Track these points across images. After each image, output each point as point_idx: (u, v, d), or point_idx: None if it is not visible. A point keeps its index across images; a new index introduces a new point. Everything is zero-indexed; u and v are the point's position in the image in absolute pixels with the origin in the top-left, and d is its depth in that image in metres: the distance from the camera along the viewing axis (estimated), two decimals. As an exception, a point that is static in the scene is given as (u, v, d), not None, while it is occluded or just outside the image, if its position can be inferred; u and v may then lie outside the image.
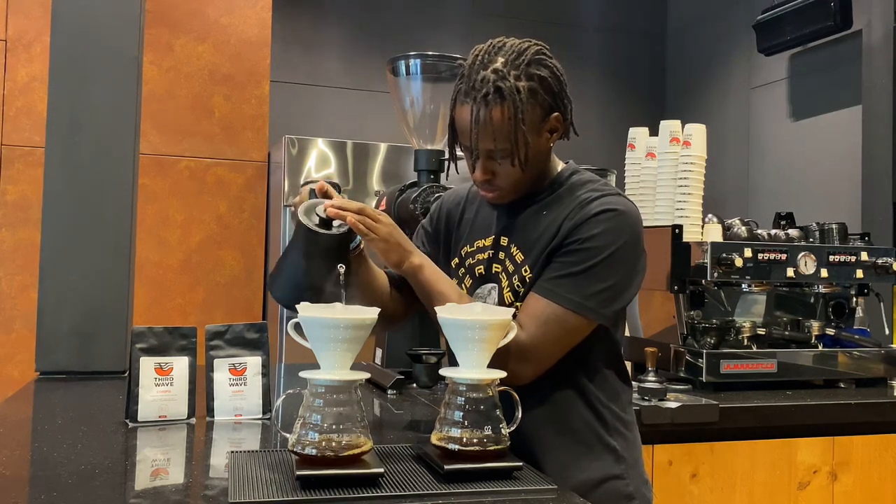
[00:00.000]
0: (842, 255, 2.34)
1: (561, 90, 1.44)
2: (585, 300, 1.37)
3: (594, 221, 1.39)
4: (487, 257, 1.52)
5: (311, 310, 1.21)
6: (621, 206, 1.42)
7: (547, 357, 1.39)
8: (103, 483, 1.22)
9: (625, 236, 1.40)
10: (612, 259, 1.38)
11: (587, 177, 1.51)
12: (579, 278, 1.37)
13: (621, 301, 1.42)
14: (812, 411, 2.07)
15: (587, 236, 1.38)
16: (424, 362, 2.06)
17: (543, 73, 1.40)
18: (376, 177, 3.60)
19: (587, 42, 4.98)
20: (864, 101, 3.53)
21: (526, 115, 1.38)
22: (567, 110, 1.46)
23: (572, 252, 1.39)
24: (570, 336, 1.39)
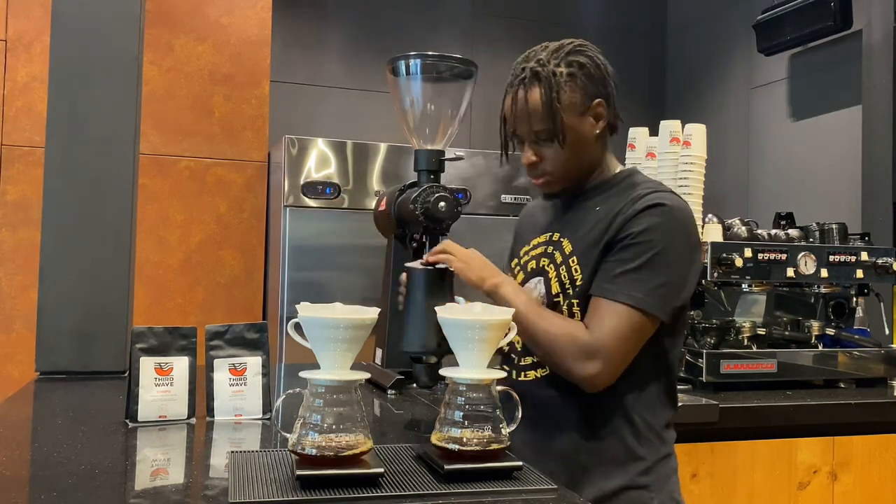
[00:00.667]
0: (842, 255, 2.34)
1: (603, 78, 1.49)
2: (645, 295, 1.37)
3: (645, 216, 1.40)
4: (540, 252, 1.57)
5: (311, 310, 1.21)
6: (670, 202, 1.42)
7: (615, 354, 1.38)
8: (103, 483, 1.22)
9: (676, 231, 1.41)
10: (665, 254, 1.39)
11: (644, 178, 1.53)
12: (636, 274, 1.38)
13: (678, 298, 1.42)
14: (812, 411, 2.07)
15: (638, 230, 1.39)
16: (424, 362, 2.06)
17: (582, 60, 1.47)
18: (376, 177, 3.61)
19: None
20: (864, 101, 3.53)
21: (563, 96, 1.44)
22: (611, 98, 1.50)
23: (626, 248, 1.40)
24: (636, 333, 1.39)
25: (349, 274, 3.53)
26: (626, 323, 1.38)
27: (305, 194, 3.50)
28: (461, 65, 2.17)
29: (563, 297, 1.48)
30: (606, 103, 1.50)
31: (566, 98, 1.45)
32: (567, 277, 1.47)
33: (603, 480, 1.44)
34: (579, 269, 1.46)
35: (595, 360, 1.37)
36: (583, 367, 1.38)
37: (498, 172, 3.76)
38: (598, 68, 1.49)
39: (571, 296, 1.47)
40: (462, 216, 2.08)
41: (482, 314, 1.29)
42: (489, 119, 4.78)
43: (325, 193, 3.52)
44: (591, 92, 1.48)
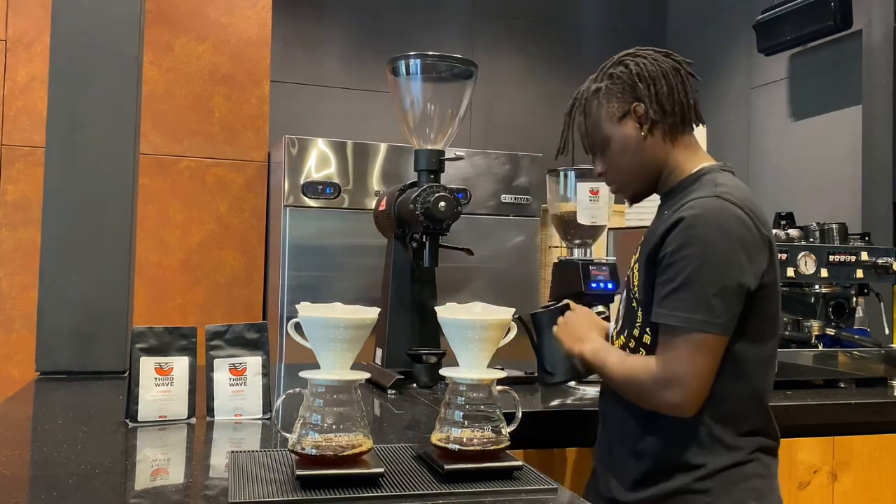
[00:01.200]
0: (842, 255, 2.34)
1: (636, 82, 1.51)
2: (693, 314, 1.35)
3: (676, 230, 1.38)
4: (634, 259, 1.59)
5: (311, 310, 1.21)
6: (705, 207, 1.38)
7: (689, 378, 1.35)
8: (103, 483, 1.22)
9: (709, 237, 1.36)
10: (703, 266, 1.35)
11: (707, 180, 1.49)
12: (680, 294, 1.36)
13: (734, 304, 1.36)
14: (812, 411, 2.07)
15: (673, 248, 1.38)
16: (424, 362, 2.06)
17: (617, 71, 1.53)
18: (376, 177, 3.61)
19: (587, 42, 4.98)
20: (864, 101, 3.53)
21: (594, 110, 1.55)
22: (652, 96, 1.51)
23: (667, 267, 1.39)
24: (700, 352, 1.36)
25: (349, 274, 3.53)
26: (687, 344, 1.35)
27: (305, 194, 3.50)
28: (461, 65, 2.17)
29: (635, 301, 1.50)
30: (646, 103, 1.50)
31: (598, 111, 1.54)
32: (633, 283, 1.51)
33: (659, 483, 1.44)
34: (637, 277, 1.49)
35: (671, 388, 1.37)
36: (663, 397, 1.38)
37: (498, 172, 3.76)
38: (631, 74, 1.52)
39: (637, 300, 1.49)
40: (462, 216, 2.08)
41: (482, 314, 1.29)
42: (489, 119, 4.79)
43: (325, 193, 3.52)
44: (627, 97, 1.52)
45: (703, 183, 1.48)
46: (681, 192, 1.50)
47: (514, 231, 3.78)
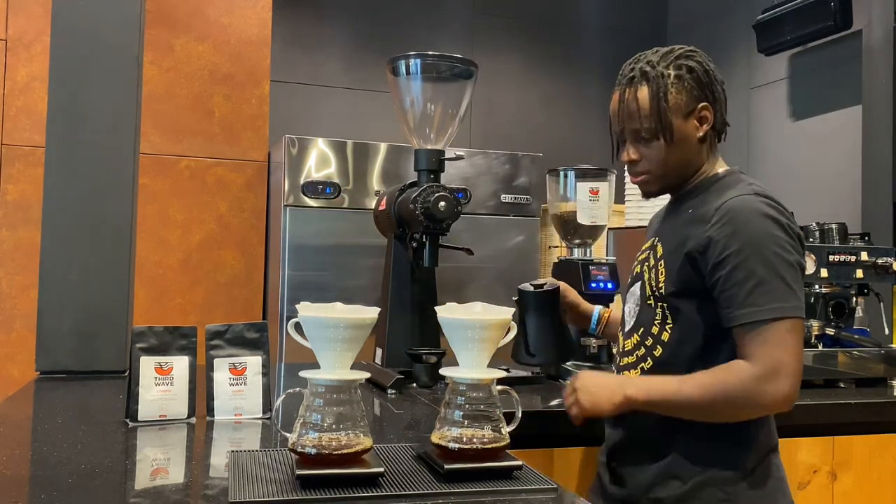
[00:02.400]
0: (842, 254, 2.34)
1: (710, 82, 1.50)
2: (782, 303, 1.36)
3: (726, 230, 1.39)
4: (643, 258, 1.58)
5: (311, 309, 1.21)
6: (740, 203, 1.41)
7: (787, 369, 1.36)
8: (103, 483, 1.22)
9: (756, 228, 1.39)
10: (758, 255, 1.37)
11: (738, 180, 1.51)
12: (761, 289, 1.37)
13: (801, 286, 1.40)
14: (812, 411, 2.07)
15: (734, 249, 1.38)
16: (424, 362, 2.06)
17: (691, 64, 1.50)
18: (376, 177, 3.61)
19: (587, 42, 4.98)
20: (864, 101, 3.53)
21: (670, 96, 1.47)
22: (718, 103, 1.51)
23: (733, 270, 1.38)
24: (795, 337, 1.37)
25: (349, 274, 3.53)
26: (781, 332, 1.36)
27: (305, 194, 3.50)
28: (461, 65, 2.17)
29: (654, 299, 1.49)
30: (713, 108, 1.50)
31: (672, 98, 1.47)
32: (654, 280, 1.49)
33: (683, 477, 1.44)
34: (664, 272, 1.48)
35: (778, 379, 1.35)
36: (769, 393, 1.35)
37: (498, 172, 3.76)
38: (707, 73, 1.50)
39: (659, 298, 1.48)
40: (462, 216, 2.08)
41: (482, 314, 1.29)
42: (489, 119, 4.79)
43: (326, 193, 3.52)
44: (698, 95, 1.49)
45: (729, 183, 1.51)
46: (703, 192, 1.52)
47: (514, 231, 3.78)
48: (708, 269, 1.42)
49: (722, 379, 1.38)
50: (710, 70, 1.51)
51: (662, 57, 1.51)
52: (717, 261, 1.40)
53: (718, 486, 1.43)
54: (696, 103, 1.49)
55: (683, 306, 1.45)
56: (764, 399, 1.36)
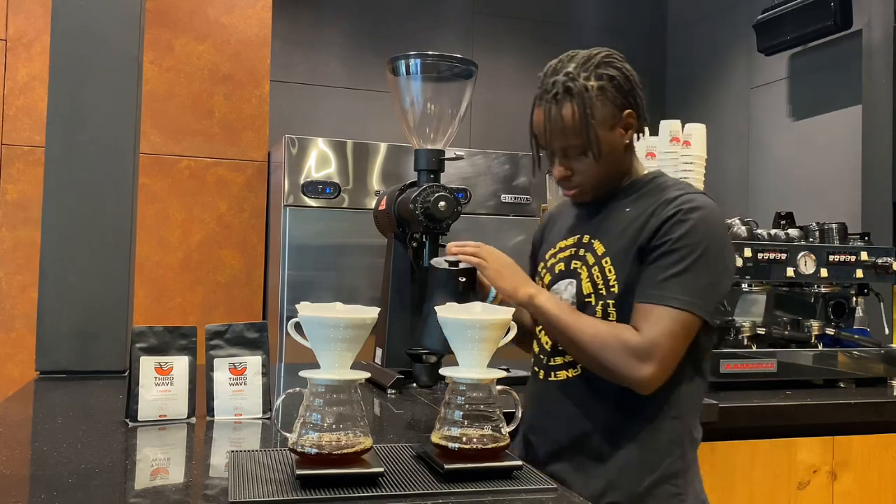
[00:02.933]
0: (842, 254, 2.34)
1: (632, 88, 1.50)
2: (693, 297, 1.39)
3: (682, 220, 1.42)
4: (568, 255, 1.56)
5: (311, 309, 1.21)
6: (704, 204, 1.45)
7: (666, 356, 1.39)
8: (103, 482, 1.22)
9: (713, 233, 1.43)
10: (706, 256, 1.41)
11: (671, 180, 1.55)
12: (681, 277, 1.40)
13: (719, 296, 1.46)
14: (812, 411, 2.07)
15: (678, 235, 1.41)
16: (424, 362, 2.06)
17: (612, 73, 1.48)
18: (376, 176, 3.61)
19: (587, 42, 4.94)
20: (864, 101, 3.53)
21: (595, 111, 1.45)
22: (640, 107, 1.52)
23: (668, 253, 1.41)
24: (685, 335, 1.41)
25: (349, 274, 3.53)
26: (678, 324, 1.39)
27: (305, 194, 3.50)
28: (461, 64, 2.18)
29: (596, 297, 1.48)
30: (636, 113, 1.51)
31: (598, 112, 1.46)
32: (601, 278, 1.48)
33: (636, 478, 1.44)
34: (613, 270, 1.47)
35: (649, 361, 1.38)
36: (637, 368, 1.38)
37: (498, 172, 3.76)
38: (628, 79, 1.49)
39: (605, 296, 1.47)
40: (462, 216, 2.08)
41: (482, 314, 1.29)
42: (489, 119, 4.79)
43: (325, 193, 3.52)
44: (622, 103, 1.48)
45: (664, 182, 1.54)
46: (635, 192, 1.53)
47: (514, 231, 3.78)
48: (648, 249, 1.44)
49: (609, 333, 1.41)
50: (630, 75, 1.50)
51: (581, 66, 1.47)
52: (660, 242, 1.42)
53: (669, 482, 1.46)
54: (620, 112, 1.49)
55: (630, 301, 1.46)
56: (628, 371, 1.39)
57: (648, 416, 1.46)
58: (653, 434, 1.45)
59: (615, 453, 1.46)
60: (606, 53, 1.50)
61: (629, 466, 1.45)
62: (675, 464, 1.46)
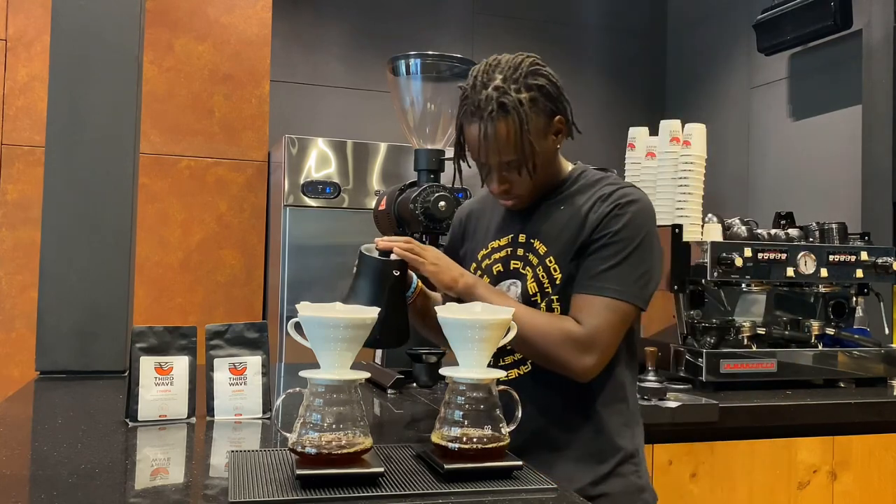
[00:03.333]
0: (842, 254, 2.34)
1: (559, 94, 1.51)
2: (629, 287, 1.44)
3: (620, 214, 1.46)
4: (505, 255, 1.58)
5: (311, 309, 1.21)
6: (638, 196, 1.50)
7: (606, 346, 1.44)
8: (103, 482, 1.22)
9: (647, 224, 1.49)
10: (641, 246, 1.46)
11: (598, 174, 1.59)
12: (618, 269, 1.44)
13: (655, 284, 1.50)
14: (812, 411, 2.07)
15: (616, 229, 1.45)
16: (424, 362, 2.06)
17: (541, 82, 1.48)
18: (376, 176, 3.61)
19: (587, 42, 4.97)
20: (864, 101, 3.53)
21: (531, 125, 1.46)
22: (568, 111, 1.54)
23: (605, 246, 1.45)
24: (623, 324, 1.46)
25: (349, 274, 3.52)
26: (617, 315, 1.44)
27: (305, 194, 3.50)
28: (461, 64, 2.18)
29: (541, 296, 1.50)
30: (564, 117, 1.52)
31: (533, 126, 1.46)
32: (546, 277, 1.50)
33: (594, 468, 1.49)
34: (558, 269, 1.49)
35: (591, 352, 1.42)
36: (579, 359, 1.42)
37: (498, 172, 3.76)
38: (555, 85, 1.50)
39: (550, 294, 1.50)
40: (462, 216, 2.08)
41: (482, 314, 1.29)
42: (489, 119, 4.79)
43: (325, 193, 3.52)
44: (552, 111, 1.50)
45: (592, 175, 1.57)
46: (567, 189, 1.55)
47: (514, 231, 3.77)
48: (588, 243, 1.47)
49: (551, 324, 1.43)
50: (556, 81, 1.51)
51: (510, 78, 1.46)
52: (599, 236, 1.46)
53: (628, 461, 1.51)
54: (551, 119, 1.50)
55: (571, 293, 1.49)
56: (570, 361, 1.42)
57: (600, 403, 1.50)
58: (606, 419, 1.51)
59: (574, 444, 1.50)
60: (532, 60, 1.50)
61: (588, 454, 1.50)
62: (630, 444, 1.52)
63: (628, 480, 1.51)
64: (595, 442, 1.50)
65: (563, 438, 1.50)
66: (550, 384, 1.49)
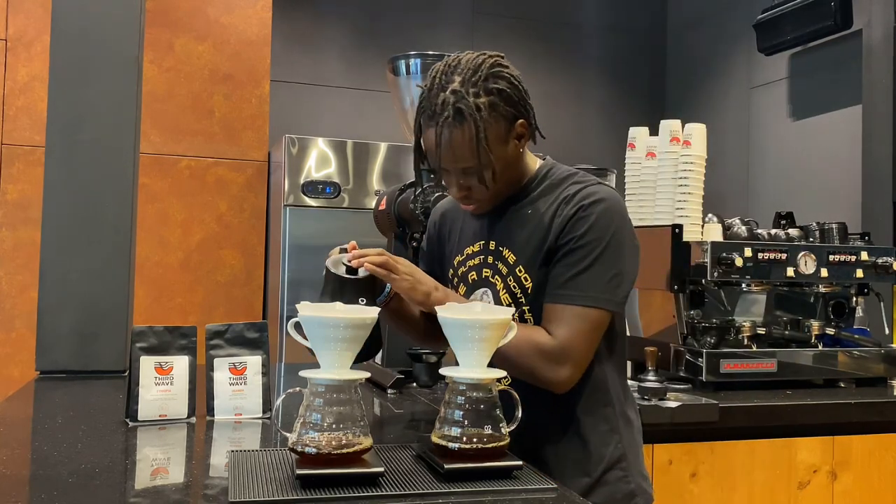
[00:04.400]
0: (842, 254, 2.34)
1: (521, 97, 1.45)
2: (599, 293, 1.40)
3: (584, 216, 1.41)
4: (478, 263, 1.54)
5: (311, 309, 1.21)
6: (604, 194, 1.44)
7: (580, 356, 1.40)
8: (103, 482, 1.22)
9: (615, 222, 1.43)
10: (609, 247, 1.41)
11: (564, 171, 1.52)
12: (586, 275, 1.40)
13: (628, 285, 1.45)
14: (812, 411, 2.07)
15: (581, 232, 1.41)
16: (424, 361, 2.06)
17: (501, 86, 1.42)
18: (376, 176, 3.61)
19: (587, 41, 4.98)
20: (865, 101, 3.53)
21: (489, 132, 1.40)
22: (531, 115, 1.47)
23: (572, 251, 1.41)
24: (596, 331, 1.42)
25: (349, 273, 3.52)
26: (588, 323, 1.40)
27: (305, 194, 3.50)
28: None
29: (515, 305, 1.47)
30: (527, 120, 1.46)
31: (492, 132, 1.40)
32: (517, 287, 1.47)
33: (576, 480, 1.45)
34: (529, 278, 1.46)
35: (565, 363, 1.39)
36: (553, 372, 1.39)
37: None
38: (517, 88, 1.44)
39: (523, 303, 1.47)
40: (462, 216, 2.08)
41: (482, 314, 1.29)
42: (489, 119, 4.79)
43: (325, 193, 3.52)
44: (513, 115, 1.43)
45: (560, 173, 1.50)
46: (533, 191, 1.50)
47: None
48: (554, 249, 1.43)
49: (522, 338, 1.38)
50: (518, 83, 1.45)
51: (469, 81, 1.39)
52: (565, 241, 1.41)
53: (616, 467, 1.48)
54: (512, 124, 1.44)
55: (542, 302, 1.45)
56: (543, 374, 1.39)
57: (583, 411, 1.47)
58: (590, 429, 1.47)
59: (560, 453, 1.47)
60: (493, 61, 1.43)
61: (575, 464, 1.47)
62: (617, 449, 1.48)
63: (615, 488, 1.47)
64: (577, 453, 1.47)
65: (545, 451, 1.47)
66: (534, 395, 1.44)
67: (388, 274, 1.41)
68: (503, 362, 1.41)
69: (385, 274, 1.41)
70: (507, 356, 1.39)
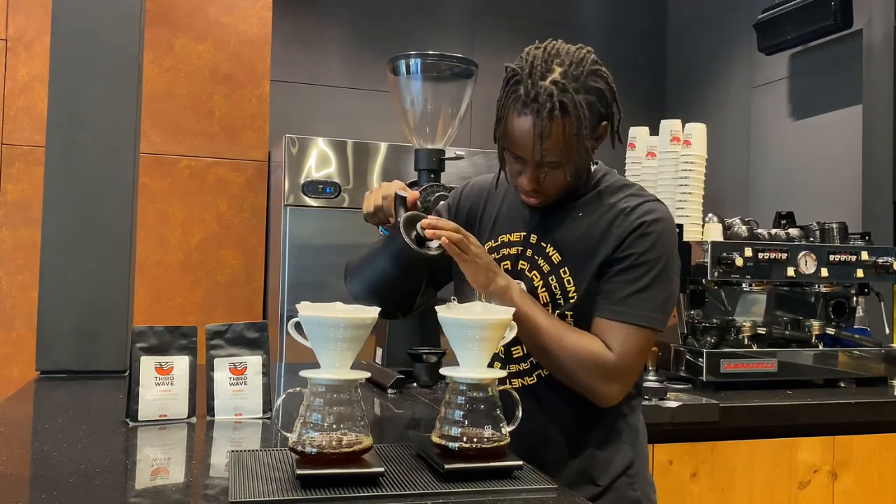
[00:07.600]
0: (842, 254, 2.34)
1: (614, 100, 1.45)
2: (654, 313, 1.41)
3: (647, 233, 1.41)
4: (515, 253, 1.51)
5: (311, 309, 1.21)
6: (663, 213, 1.45)
7: (632, 374, 1.43)
8: (104, 482, 1.22)
9: (672, 243, 1.44)
10: (666, 268, 1.42)
11: (621, 180, 1.52)
12: (645, 293, 1.40)
13: (672, 306, 1.47)
14: (812, 411, 2.07)
15: (642, 250, 1.40)
16: (425, 361, 2.06)
17: (600, 85, 1.42)
18: (376, 176, 3.60)
19: (587, 41, 4.92)
20: (865, 101, 3.53)
21: (587, 130, 1.39)
22: (615, 120, 1.47)
23: (632, 268, 1.40)
24: (648, 351, 1.44)
25: (349, 273, 3.52)
26: (644, 342, 1.41)
27: (306, 193, 3.50)
28: (461, 64, 2.18)
29: (553, 307, 1.45)
30: (611, 125, 1.46)
31: (579, 127, 1.38)
32: (559, 288, 1.45)
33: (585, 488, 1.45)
34: (572, 282, 1.44)
35: (617, 380, 1.40)
36: (607, 386, 1.40)
37: (498, 172, 3.76)
38: (612, 91, 1.44)
39: (563, 307, 1.45)
40: (462, 215, 2.07)
41: (482, 314, 1.29)
42: (489, 118, 4.78)
43: (326, 193, 3.52)
44: (602, 115, 1.43)
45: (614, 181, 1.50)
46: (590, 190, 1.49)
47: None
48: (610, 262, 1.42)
49: (581, 347, 1.38)
50: (613, 87, 1.45)
51: (571, 76, 1.37)
52: (623, 255, 1.41)
53: (624, 474, 1.48)
54: (598, 124, 1.43)
55: (586, 309, 1.44)
56: (596, 387, 1.40)
57: (603, 422, 1.47)
58: (607, 437, 1.48)
59: (567, 465, 1.47)
60: (593, 58, 1.43)
61: (587, 471, 1.47)
62: (626, 458, 1.49)
63: (621, 494, 1.47)
64: (589, 463, 1.47)
65: (557, 460, 1.47)
66: (558, 397, 1.45)
67: (461, 254, 1.37)
68: (553, 364, 1.41)
69: (457, 252, 1.37)
70: (560, 360, 1.39)
